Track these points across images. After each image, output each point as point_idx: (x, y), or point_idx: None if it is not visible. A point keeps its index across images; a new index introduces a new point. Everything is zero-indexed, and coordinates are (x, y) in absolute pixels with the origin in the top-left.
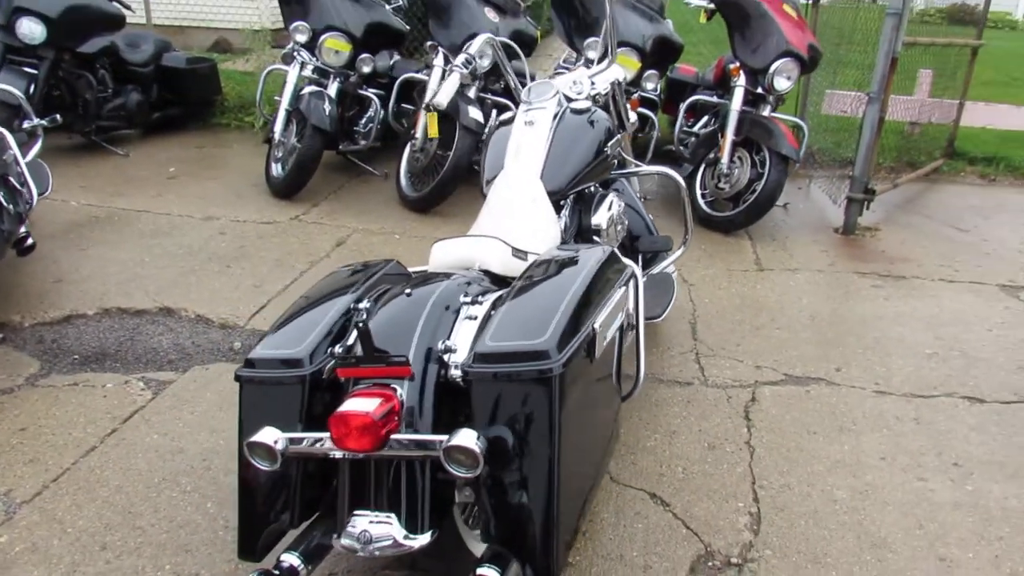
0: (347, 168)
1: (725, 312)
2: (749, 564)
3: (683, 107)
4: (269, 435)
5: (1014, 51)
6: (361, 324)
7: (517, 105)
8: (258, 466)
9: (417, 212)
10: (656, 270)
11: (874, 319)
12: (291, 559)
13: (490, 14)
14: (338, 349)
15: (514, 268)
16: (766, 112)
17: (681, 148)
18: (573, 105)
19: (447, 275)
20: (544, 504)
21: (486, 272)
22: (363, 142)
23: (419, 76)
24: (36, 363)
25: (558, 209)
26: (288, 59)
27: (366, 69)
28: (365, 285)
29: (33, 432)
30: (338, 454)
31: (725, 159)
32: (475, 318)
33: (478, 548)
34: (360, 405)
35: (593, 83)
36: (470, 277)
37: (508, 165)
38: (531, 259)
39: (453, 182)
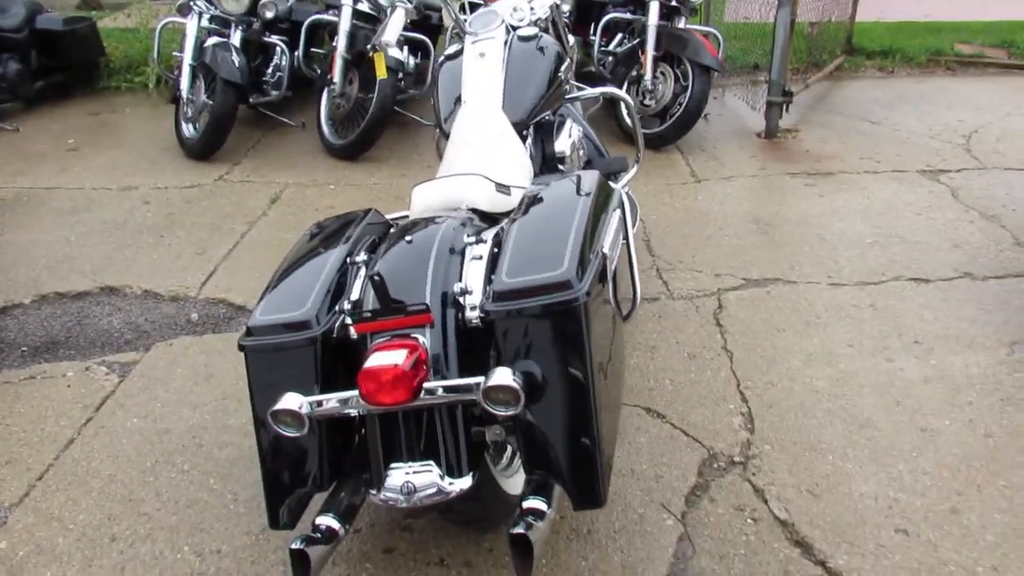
0: (259, 121)
1: (674, 226)
2: (752, 460)
3: (599, 26)
4: (293, 400)
5: None
6: (377, 277)
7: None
8: (284, 433)
9: (345, 160)
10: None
11: (814, 216)
12: (328, 521)
13: None
14: (346, 305)
15: (500, 204)
16: (681, 24)
17: (600, 68)
18: (520, 32)
19: (440, 218)
20: (586, 430)
21: (474, 211)
22: (274, 92)
23: (327, 18)
24: None
25: (522, 140)
26: (184, 10)
27: (270, 15)
28: (352, 238)
29: (1, 433)
30: (367, 410)
31: (648, 75)
32: (481, 257)
33: (508, 484)
34: (387, 358)
35: (532, 8)
36: (462, 217)
37: (467, 100)
38: (514, 193)
39: (379, 125)
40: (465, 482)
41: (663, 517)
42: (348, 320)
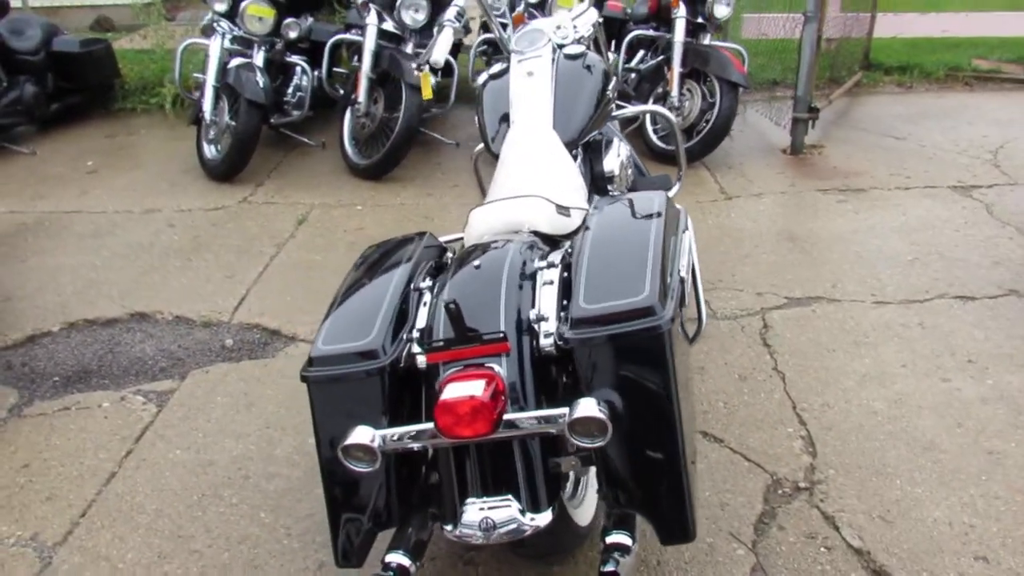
0: (280, 142)
1: (709, 244)
2: (818, 486)
3: (624, 43)
4: (365, 434)
5: None
6: (452, 305)
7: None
8: (355, 469)
9: (370, 179)
10: None
11: (850, 233)
12: (399, 559)
13: None
14: (414, 334)
15: (561, 226)
16: (707, 41)
17: (624, 86)
18: (567, 51)
19: (504, 241)
20: (672, 461)
21: (536, 233)
22: (296, 112)
23: (350, 37)
24: (13, 392)
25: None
26: (207, 31)
27: (293, 35)
28: (411, 262)
29: (39, 467)
30: (443, 444)
31: (675, 92)
32: (552, 282)
33: (576, 515)
34: (465, 389)
35: (575, 27)
36: (526, 240)
37: (517, 119)
38: (574, 215)
39: (405, 145)
40: (545, 517)
41: (733, 547)
42: (416, 349)
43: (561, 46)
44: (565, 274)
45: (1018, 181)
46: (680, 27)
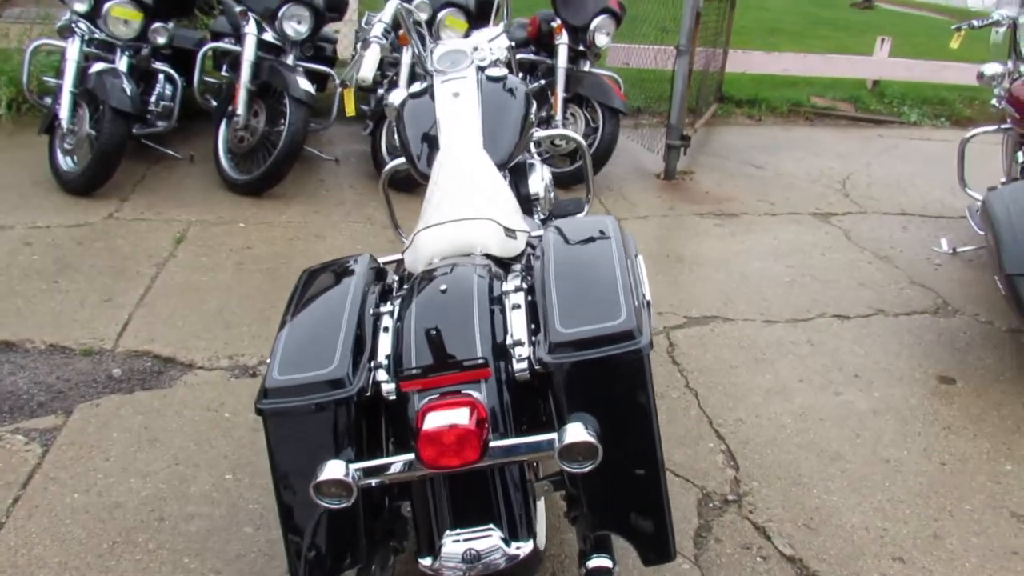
0: (141, 153)
1: None
2: (745, 498)
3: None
4: (338, 469)
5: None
6: (434, 331)
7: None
8: (328, 506)
9: (249, 196)
10: None
11: (732, 255)
12: None
13: None
14: (382, 360)
15: (510, 248)
16: (587, 67)
17: None
18: (489, 73)
19: (462, 265)
20: (654, 483)
21: (488, 256)
22: (161, 123)
23: (225, 46)
24: None
25: None
26: (64, 32)
27: (161, 40)
28: (360, 287)
29: None
30: (423, 475)
31: (559, 116)
32: (520, 306)
33: (540, 540)
34: (448, 418)
35: (491, 49)
36: (483, 263)
37: (447, 140)
38: (519, 237)
39: (289, 160)
40: (528, 545)
41: (678, 561)
42: (382, 376)
43: (481, 68)
44: (529, 298)
45: (866, 209)
46: (563, 53)
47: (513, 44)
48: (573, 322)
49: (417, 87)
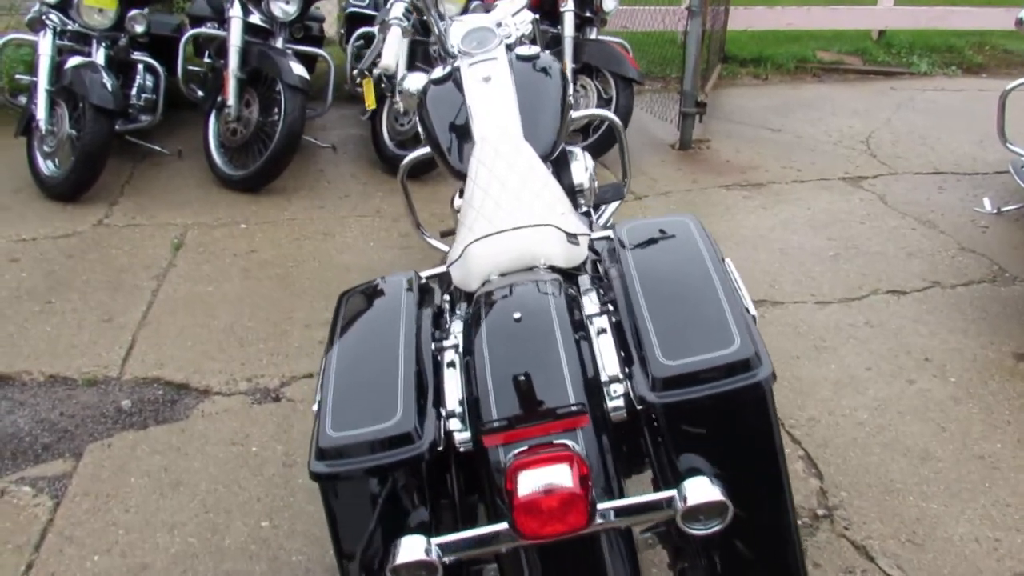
0: (125, 151)
1: None
2: (837, 511)
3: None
4: (417, 548)
5: None
6: (523, 377)
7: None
8: None
9: (247, 192)
10: (609, 221)
11: (767, 230)
12: None
13: None
14: (455, 408)
15: (574, 257)
16: (594, 35)
17: None
18: (519, 52)
19: (530, 282)
20: (786, 529)
21: (552, 268)
22: (145, 118)
23: (208, 31)
24: None
25: None
26: (35, 25)
27: (139, 28)
28: (413, 314)
29: None
30: (519, 545)
31: (570, 89)
32: (606, 331)
33: None
34: (546, 478)
35: (516, 24)
36: (553, 280)
37: (482, 131)
38: (582, 241)
39: (288, 152)
40: None
41: None
42: (456, 426)
43: (510, 47)
44: (614, 319)
45: (897, 170)
46: (569, 21)
47: (537, 17)
48: (677, 351)
49: (439, 72)
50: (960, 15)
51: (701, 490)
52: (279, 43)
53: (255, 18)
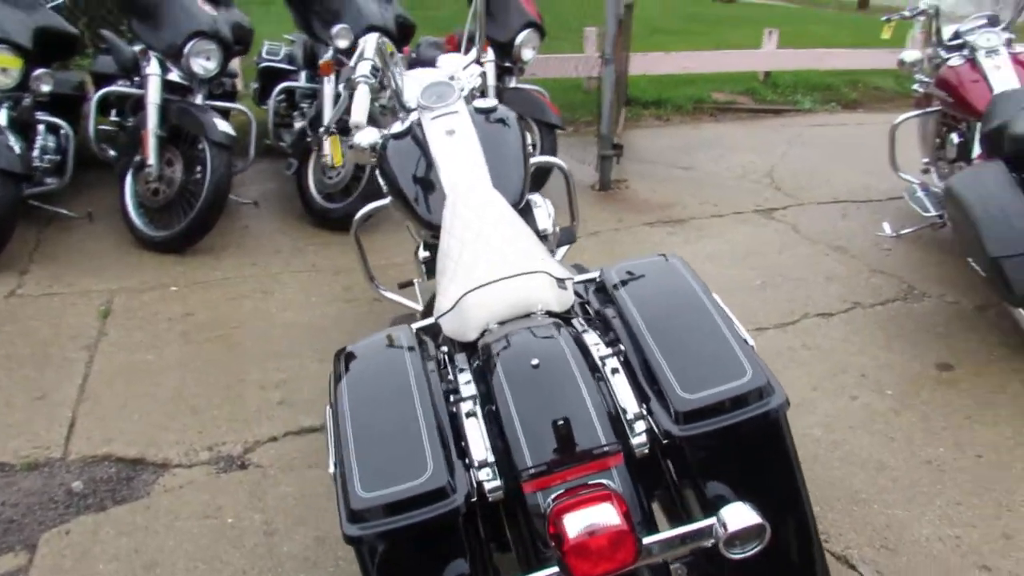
0: (28, 216)
1: None
2: None
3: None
4: None
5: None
6: (562, 421)
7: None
8: None
9: (171, 253)
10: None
11: (697, 265)
12: None
13: (206, 7)
14: (487, 457)
15: (565, 301)
16: (513, 84)
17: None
18: (477, 105)
19: (536, 327)
20: (808, 547)
21: (548, 313)
22: (51, 180)
23: (124, 90)
24: None
25: None
26: None
27: (45, 88)
28: (420, 367)
29: None
30: None
31: None
32: (618, 370)
33: None
34: (592, 518)
35: (467, 78)
36: (554, 324)
37: (453, 184)
38: (568, 285)
39: (216, 210)
40: None
41: None
42: (485, 475)
43: (467, 100)
44: (621, 358)
45: (803, 201)
46: (490, 70)
47: (484, 71)
48: (695, 385)
49: (399, 126)
50: (834, 56)
51: (741, 516)
52: (199, 99)
53: (173, 75)
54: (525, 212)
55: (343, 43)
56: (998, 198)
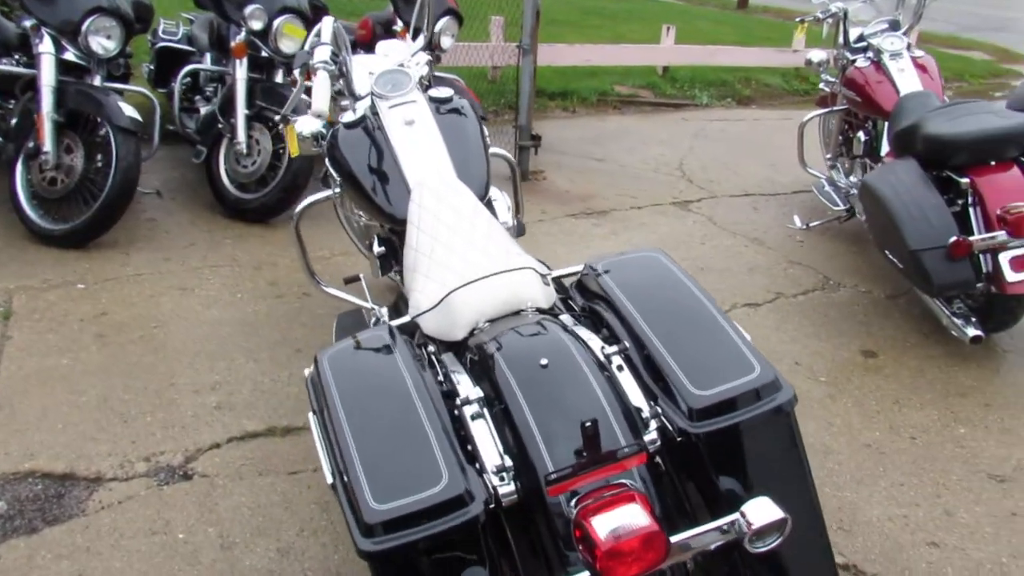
0: None
1: None
2: None
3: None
4: None
5: None
6: (589, 423)
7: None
8: None
9: (72, 248)
10: None
11: None
12: None
13: None
14: (500, 461)
15: (551, 297)
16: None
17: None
18: (432, 94)
19: (532, 325)
20: (820, 536)
21: (538, 310)
22: None
23: (10, 69)
24: None
25: None
26: None
27: None
28: (415, 369)
29: None
30: None
31: None
32: (623, 368)
33: None
34: (622, 520)
35: (416, 65)
36: (548, 320)
37: (417, 176)
38: (550, 281)
39: (123, 201)
40: None
41: None
42: (499, 480)
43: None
44: (629, 355)
45: (716, 193)
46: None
47: (431, 59)
48: (706, 381)
49: (350, 115)
50: (724, 53)
51: (764, 511)
52: (97, 81)
53: (70, 55)
54: (488, 205)
55: (257, 24)
56: (914, 194)
